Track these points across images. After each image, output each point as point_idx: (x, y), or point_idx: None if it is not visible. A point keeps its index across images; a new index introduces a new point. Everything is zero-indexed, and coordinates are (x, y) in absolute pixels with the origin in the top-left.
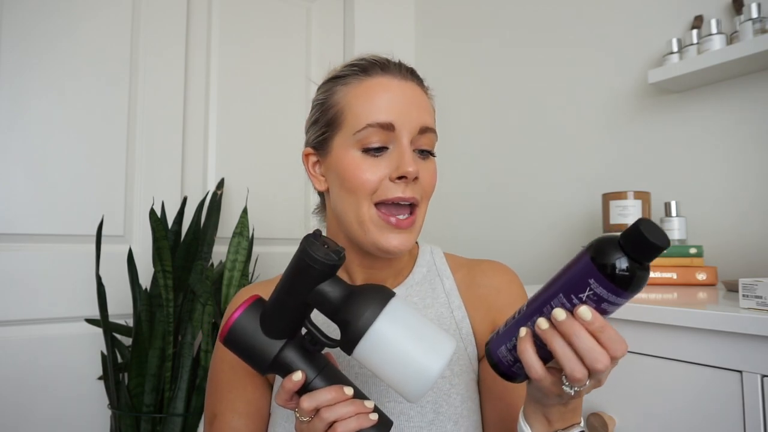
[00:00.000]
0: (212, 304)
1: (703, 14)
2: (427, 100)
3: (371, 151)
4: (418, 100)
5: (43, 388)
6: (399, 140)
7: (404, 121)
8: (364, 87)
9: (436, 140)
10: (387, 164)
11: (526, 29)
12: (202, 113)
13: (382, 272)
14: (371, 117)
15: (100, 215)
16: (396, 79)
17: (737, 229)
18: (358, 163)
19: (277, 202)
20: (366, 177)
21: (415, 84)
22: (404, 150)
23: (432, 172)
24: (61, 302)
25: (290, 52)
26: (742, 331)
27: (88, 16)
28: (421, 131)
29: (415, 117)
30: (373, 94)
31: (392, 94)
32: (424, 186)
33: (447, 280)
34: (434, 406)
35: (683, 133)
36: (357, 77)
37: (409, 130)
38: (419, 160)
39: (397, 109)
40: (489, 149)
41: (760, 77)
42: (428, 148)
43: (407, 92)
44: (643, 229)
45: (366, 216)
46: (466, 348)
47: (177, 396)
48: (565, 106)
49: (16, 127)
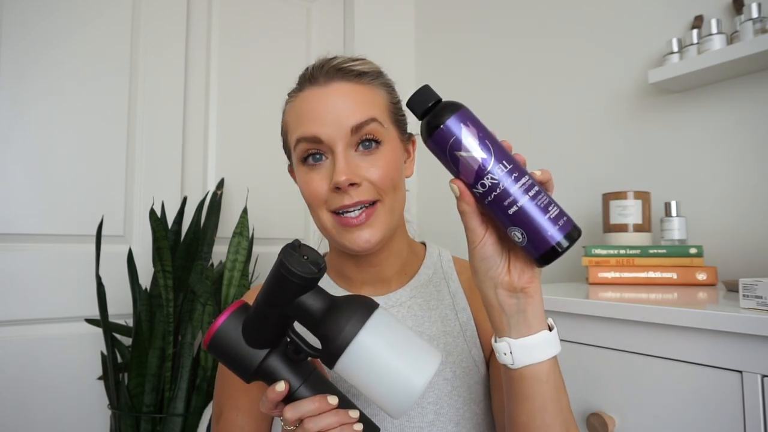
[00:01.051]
0: (212, 304)
1: (703, 14)
2: (360, 91)
3: (308, 160)
4: (344, 99)
5: (43, 388)
6: (332, 149)
7: (330, 129)
8: (295, 104)
9: (382, 125)
10: (328, 173)
11: (526, 30)
12: (202, 113)
13: (383, 272)
14: (299, 133)
15: (100, 215)
16: (320, 88)
17: (737, 229)
18: (304, 177)
19: (277, 202)
20: (313, 189)
21: (342, 82)
22: (337, 158)
23: (381, 165)
24: (61, 302)
25: (290, 52)
26: (742, 331)
27: (88, 17)
28: (355, 130)
29: (344, 118)
30: (299, 111)
31: (314, 104)
32: (375, 183)
33: (453, 283)
34: (435, 407)
35: (683, 133)
36: (294, 94)
37: (340, 136)
38: (364, 157)
39: (320, 119)
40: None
41: (760, 77)
42: (371, 137)
43: (330, 98)
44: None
45: (327, 223)
46: (470, 350)
47: (177, 396)
48: (565, 106)
49: (17, 127)
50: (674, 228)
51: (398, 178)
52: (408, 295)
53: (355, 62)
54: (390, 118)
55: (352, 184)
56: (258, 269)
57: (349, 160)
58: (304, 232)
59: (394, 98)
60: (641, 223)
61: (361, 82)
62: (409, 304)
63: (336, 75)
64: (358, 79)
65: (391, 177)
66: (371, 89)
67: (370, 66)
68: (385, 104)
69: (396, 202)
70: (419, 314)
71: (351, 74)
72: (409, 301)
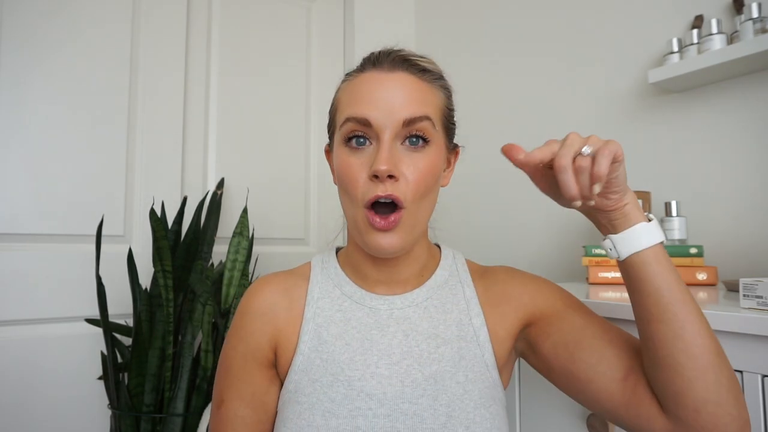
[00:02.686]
0: (212, 304)
1: (703, 14)
2: (420, 86)
3: (351, 142)
4: (404, 90)
5: (43, 388)
6: (378, 136)
7: (382, 115)
8: (354, 83)
9: (433, 126)
10: (369, 161)
11: (526, 30)
12: (202, 113)
13: (400, 273)
14: (349, 112)
15: (100, 215)
16: (382, 73)
17: (737, 229)
18: (344, 159)
19: (277, 202)
20: (351, 175)
21: (406, 74)
22: (381, 146)
23: (422, 167)
24: (61, 302)
25: (290, 52)
26: (742, 331)
27: (89, 17)
28: (406, 123)
29: (398, 108)
30: (356, 90)
31: (373, 89)
32: (410, 183)
33: (468, 288)
34: (447, 410)
35: (683, 133)
36: (354, 74)
37: (390, 124)
38: (408, 153)
39: (375, 103)
40: (488, 149)
41: (760, 77)
42: (421, 134)
43: (390, 85)
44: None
45: (359, 216)
46: (483, 355)
47: (177, 396)
48: (565, 106)
49: (17, 128)
50: (674, 228)
51: (433, 185)
52: (424, 296)
53: (422, 59)
54: (442, 122)
55: (391, 177)
56: (258, 269)
57: (393, 151)
58: (305, 232)
59: (450, 104)
60: None
61: (424, 79)
62: (425, 305)
63: (401, 65)
64: (421, 75)
65: (426, 182)
66: (431, 88)
67: (434, 66)
68: (441, 107)
69: (420, 211)
70: (435, 316)
71: (415, 68)
72: (425, 302)
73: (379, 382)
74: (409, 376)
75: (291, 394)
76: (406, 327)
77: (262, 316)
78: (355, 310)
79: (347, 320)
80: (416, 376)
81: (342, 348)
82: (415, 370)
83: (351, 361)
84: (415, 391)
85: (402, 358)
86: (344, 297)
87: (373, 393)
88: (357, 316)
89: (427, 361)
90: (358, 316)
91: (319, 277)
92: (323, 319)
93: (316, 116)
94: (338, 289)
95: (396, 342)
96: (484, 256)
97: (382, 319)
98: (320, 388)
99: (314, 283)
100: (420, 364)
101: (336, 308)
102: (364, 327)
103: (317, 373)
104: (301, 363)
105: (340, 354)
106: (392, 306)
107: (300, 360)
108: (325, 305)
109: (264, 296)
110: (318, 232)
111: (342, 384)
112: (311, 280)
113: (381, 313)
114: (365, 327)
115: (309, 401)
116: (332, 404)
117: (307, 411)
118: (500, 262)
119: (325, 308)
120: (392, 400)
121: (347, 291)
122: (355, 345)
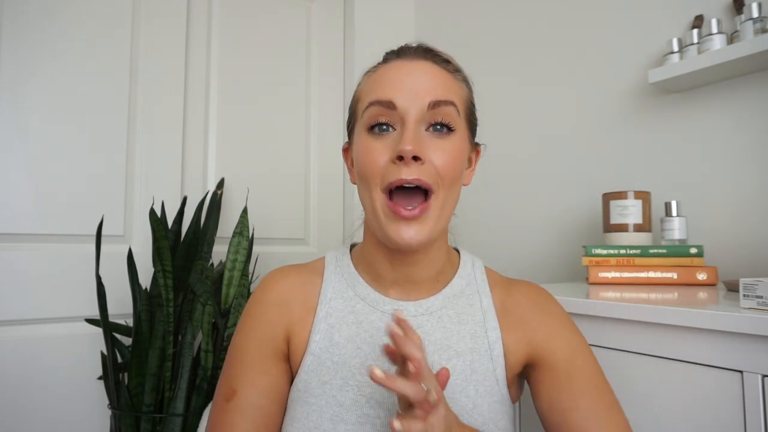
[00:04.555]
0: (212, 304)
1: (703, 14)
2: (444, 75)
3: (375, 128)
4: (429, 75)
5: (43, 388)
6: (403, 119)
7: (407, 98)
8: (377, 73)
9: (458, 113)
10: (392, 145)
11: (525, 30)
12: (202, 113)
13: (416, 274)
14: (372, 96)
15: (100, 215)
16: (407, 61)
17: (737, 229)
18: (365, 144)
19: (277, 202)
20: (372, 158)
21: (430, 62)
22: (406, 128)
23: (449, 151)
24: (61, 302)
25: (290, 52)
26: (742, 331)
27: (89, 17)
28: (432, 106)
29: (423, 92)
30: (379, 78)
31: (397, 73)
32: (437, 168)
33: (485, 299)
34: None
35: (683, 133)
36: (376, 67)
37: (416, 108)
38: (433, 138)
39: (400, 86)
40: (488, 149)
41: (760, 77)
42: (444, 121)
43: (415, 70)
44: None
45: (378, 204)
46: (494, 369)
47: (177, 396)
48: (566, 106)
49: (17, 128)
50: (674, 228)
51: (459, 173)
52: (440, 304)
53: (445, 53)
54: (466, 113)
55: (416, 159)
56: (258, 269)
57: (418, 134)
58: (305, 232)
59: (472, 99)
60: (641, 223)
61: (448, 69)
62: (440, 314)
63: (425, 55)
64: (445, 65)
65: (454, 167)
66: (455, 79)
67: (455, 62)
68: (465, 98)
69: (448, 201)
70: (449, 327)
71: (439, 58)
72: (440, 311)
73: (389, 391)
74: None
75: (300, 393)
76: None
77: (279, 306)
78: (368, 314)
79: (359, 323)
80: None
81: (353, 352)
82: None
83: (362, 366)
84: None
85: None
86: (357, 298)
87: (382, 401)
88: (369, 320)
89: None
90: (371, 319)
91: (333, 276)
92: (335, 320)
93: (316, 116)
94: (351, 290)
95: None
96: (485, 255)
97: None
98: (329, 390)
99: (328, 282)
100: None
101: (348, 310)
102: (376, 332)
103: (327, 375)
104: (311, 363)
105: (351, 358)
106: (406, 313)
107: (310, 360)
108: (338, 305)
109: (282, 287)
110: (318, 232)
111: (351, 389)
112: (325, 279)
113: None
114: (377, 332)
115: (318, 403)
116: (341, 409)
117: (315, 413)
118: (500, 262)
119: (338, 308)
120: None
121: (361, 292)
122: (366, 349)
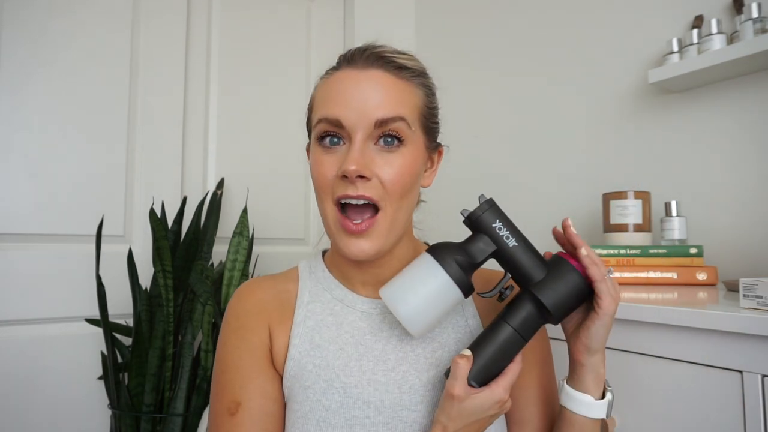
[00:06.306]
0: (212, 304)
1: (703, 14)
2: (395, 85)
3: (324, 141)
4: (377, 89)
5: (43, 388)
6: (350, 137)
7: (353, 117)
8: (329, 82)
9: (408, 126)
10: (341, 159)
11: (526, 29)
12: (202, 113)
13: (383, 274)
14: (322, 112)
15: (100, 215)
16: (356, 71)
17: (737, 229)
18: (316, 157)
19: (277, 202)
20: (322, 171)
21: (380, 71)
22: (353, 146)
23: (397, 166)
24: (61, 302)
25: (290, 52)
26: (742, 331)
27: (89, 17)
28: (379, 124)
29: (371, 109)
30: (329, 89)
31: (346, 87)
32: (385, 183)
33: None
34: None
35: (683, 133)
36: (330, 72)
37: (362, 125)
38: (381, 153)
39: (346, 103)
40: (488, 149)
41: (760, 77)
42: (395, 134)
43: (362, 84)
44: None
45: (329, 216)
46: None
47: (177, 396)
48: (565, 106)
49: (17, 128)
50: (674, 228)
51: (411, 185)
52: None
53: (399, 55)
54: (420, 121)
55: (361, 177)
56: (258, 269)
57: (365, 151)
58: (305, 232)
59: (431, 102)
60: (641, 223)
61: (400, 76)
62: None
63: (375, 62)
64: (397, 72)
65: (402, 182)
66: (408, 86)
67: (414, 63)
68: (419, 106)
69: (400, 212)
70: None
71: (391, 65)
72: None
73: (376, 389)
74: (407, 382)
75: (284, 400)
76: (399, 332)
77: (257, 314)
78: (347, 314)
79: (339, 324)
80: (414, 383)
81: (336, 353)
82: (412, 376)
83: (346, 367)
84: (414, 398)
85: (398, 364)
86: (335, 301)
87: (370, 401)
88: (349, 320)
89: (424, 367)
90: (351, 320)
91: (308, 282)
92: (315, 323)
93: None
94: (328, 293)
95: (390, 347)
96: None
97: (376, 324)
98: (313, 395)
99: (304, 287)
100: (417, 370)
101: (328, 312)
102: (357, 331)
103: (310, 379)
104: (292, 368)
105: (335, 359)
106: (385, 309)
107: (291, 365)
108: (317, 309)
109: (258, 295)
110: (318, 232)
111: (337, 391)
112: (300, 285)
113: (374, 317)
114: (359, 332)
115: (302, 409)
116: (327, 413)
117: (300, 420)
118: None
119: (316, 311)
120: (390, 407)
121: (338, 295)
122: (349, 350)
